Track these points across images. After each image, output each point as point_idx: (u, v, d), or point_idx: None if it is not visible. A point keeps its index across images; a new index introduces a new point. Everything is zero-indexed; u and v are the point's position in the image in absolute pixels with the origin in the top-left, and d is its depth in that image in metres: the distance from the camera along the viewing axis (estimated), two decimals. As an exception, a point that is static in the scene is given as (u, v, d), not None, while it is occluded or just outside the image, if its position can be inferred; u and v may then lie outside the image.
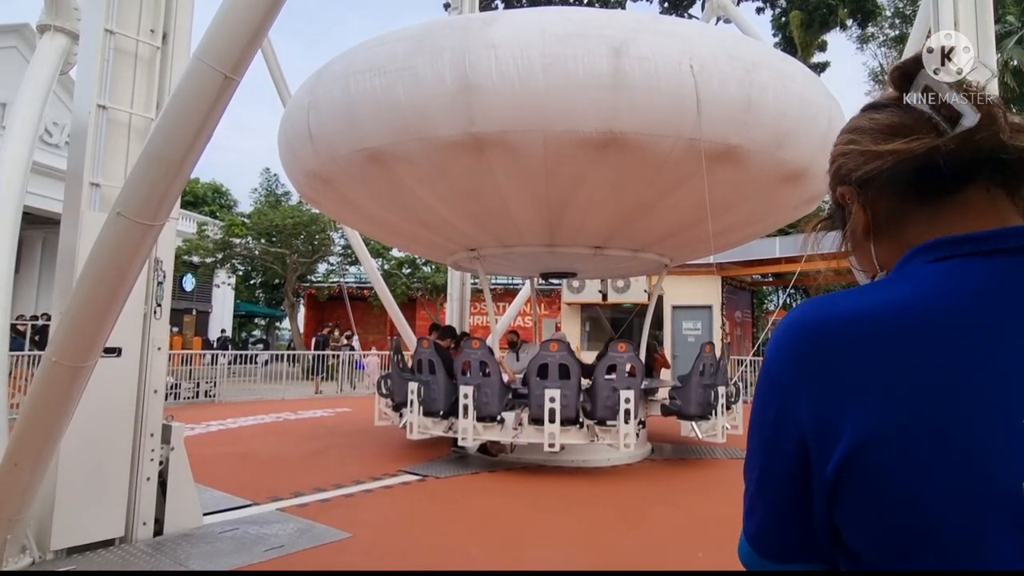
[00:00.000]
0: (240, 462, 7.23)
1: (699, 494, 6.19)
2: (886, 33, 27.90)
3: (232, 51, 2.99)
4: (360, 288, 25.31)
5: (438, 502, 5.82)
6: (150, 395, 4.48)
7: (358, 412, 11.72)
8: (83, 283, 3.30)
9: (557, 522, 5.26)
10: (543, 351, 6.83)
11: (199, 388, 13.45)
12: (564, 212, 6.59)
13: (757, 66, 5.51)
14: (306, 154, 6.46)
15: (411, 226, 7.71)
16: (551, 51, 5.13)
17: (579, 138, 5.35)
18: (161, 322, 4.58)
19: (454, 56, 5.22)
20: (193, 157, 3.18)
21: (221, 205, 33.46)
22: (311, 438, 8.93)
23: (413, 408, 7.21)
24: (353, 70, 5.71)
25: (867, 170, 0.73)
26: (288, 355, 16.83)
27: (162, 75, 4.60)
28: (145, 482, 4.42)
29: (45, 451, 3.53)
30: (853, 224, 0.79)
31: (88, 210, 4.18)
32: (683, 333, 15.99)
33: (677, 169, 5.72)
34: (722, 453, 8.15)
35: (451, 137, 5.47)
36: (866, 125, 0.76)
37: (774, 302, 29.17)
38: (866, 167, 0.73)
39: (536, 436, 6.66)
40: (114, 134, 4.35)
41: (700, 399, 7.48)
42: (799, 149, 5.96)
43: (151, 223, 3.18)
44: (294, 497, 5.68)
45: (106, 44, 4.31)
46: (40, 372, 3.42)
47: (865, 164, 0.73)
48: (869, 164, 0.73)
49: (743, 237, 8.76)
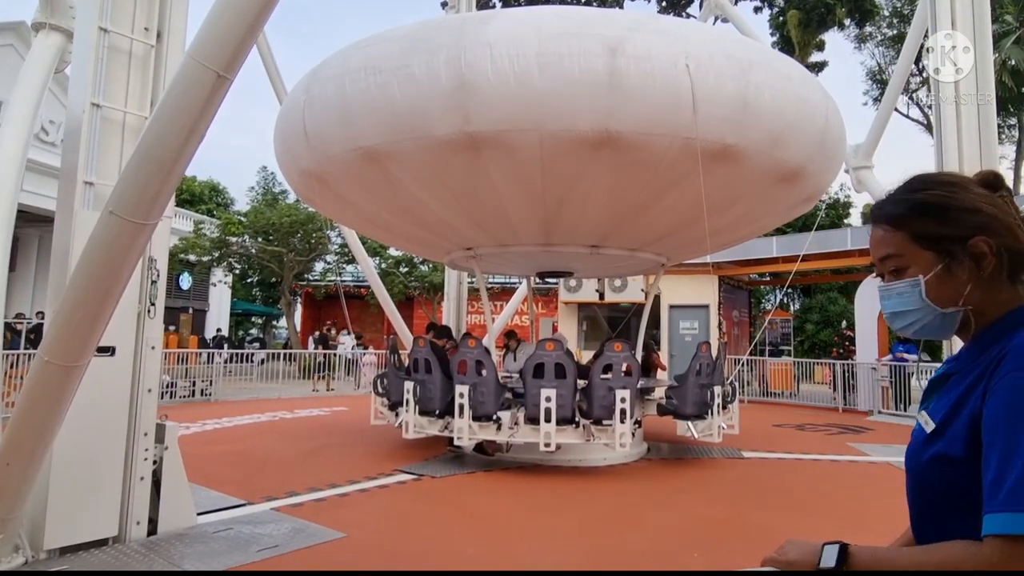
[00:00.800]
0: (235, 461, 7.21)
1: (694, 494, 6.19)
2: (884, 32, 27.95)
3: (225, 49, 2.97)
4: (357, 287, 25.27)
5: (434, 502, 5.82)
6: (144, 394, 4.46)
7: (354, 411, 11.71)
8: (75, 282, 3.29)
9: (553, 522, 5.25)
10: (539, 350, 6.83)
11: (195, 387, 13.42)
12: (560, 211, 6.59)
13: (753, 65, 5.50)
14: (301, 153, 6.45)
15: (407, 225, 7.70)
16: (547, 50, 5.12)
17: (575, 137, 5.34)
18: (155, 321, 4.56)
19: (450, 55, 5.21)
20: (186, 156, 3.16)
21: (218, 203, 33.37)
22: (307, 437, 8.91)
23: (409, 407, 7.20)
24: (349, 68, 5.70)
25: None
26: (285, 354, 16.81)
27: (156, 74, 4.58)
28: (139, 481, 4.40)
29: (38, 451, 3.51)
30: (984, 266, 1.02)
31: (82, 209, 4.16)
32: (680, 332, 16.00)
33: (673, 168, 5.72)
34: (718, 453, 8.15)
35: (447, 136, 5.46)
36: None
37: (771, 301, 29.22)
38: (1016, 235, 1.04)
39: (532, 435, 6.66)
40: (108, 133, 4.33)
41: (696, 399, 7.49)
42: (795, 149, 5.96)
43: (144, 222, 3.16)
44: (289, 497, 5.67)
45: (100, 42, 4.29)
46: (32, 371, 3.41)
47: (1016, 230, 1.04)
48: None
49: (740, 236, 8.76)
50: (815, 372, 16.38)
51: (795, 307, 28.51)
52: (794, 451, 8.50)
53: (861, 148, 11.08)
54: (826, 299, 26.77)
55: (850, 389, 13.62)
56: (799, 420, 11.78)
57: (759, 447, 8.61)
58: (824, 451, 8.54)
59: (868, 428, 10.95)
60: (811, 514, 5.56)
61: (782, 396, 15.27)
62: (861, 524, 5.29)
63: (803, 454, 8.31)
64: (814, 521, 5.34)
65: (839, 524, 5.27)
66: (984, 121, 8.12)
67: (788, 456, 8.17)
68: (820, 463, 7.83)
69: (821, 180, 6.96)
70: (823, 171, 6.74)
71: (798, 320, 25.64)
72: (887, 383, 12.44)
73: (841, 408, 13.40)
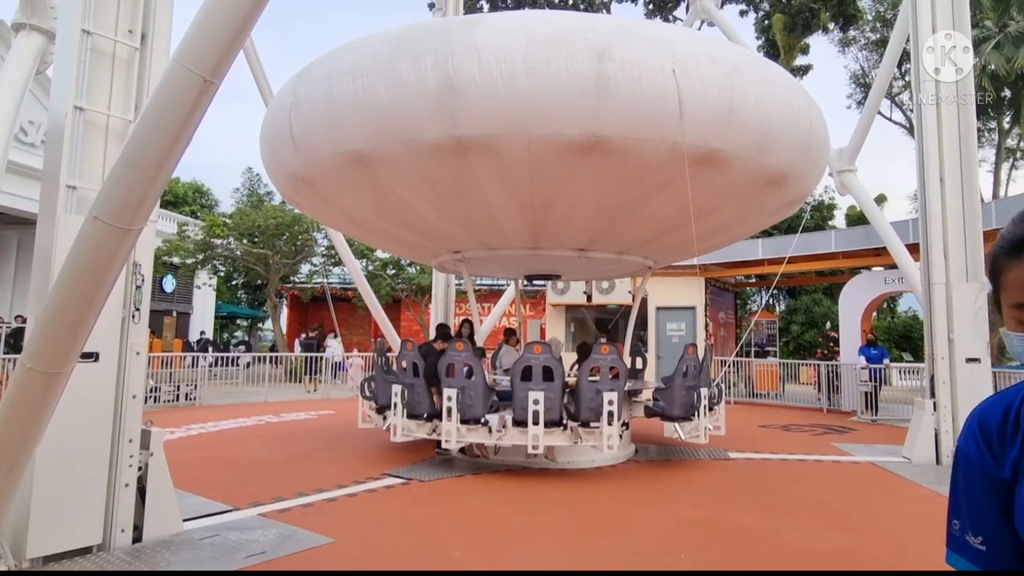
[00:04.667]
0: (221, 466, 7.15)
1: (681, 496, 6.23)
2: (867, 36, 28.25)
3: (212, 54, 2.94)
4: (344, 289, 25.13)
5: (422, 506, 5.80)
6: (128, 400, 4.42)
7: (341, 414, 11.65)
8: (59, 288, 3.25)
9: (541, 524, 5.26)
10: (527, 353, 6.83)
11: (179, 391, 13.28)
12: (548, 215, 6.60)
13: (739, 70, 5.55)
14: (288, 156, 6.41)
15: (395, 228, 7.68)
16: (534, 54, 5.13)
17: (563, 141, 5.36)
18: (140, 326, 4.52)
19: (437, 58, 5.21)
20: (172, 161, 3.13)
21: (202, 205, 33.10)
22: (293, 441, 8.86)
23: (397, 410, 7.18)
24: (336, 71, 5.68)
25: None
26: (270, 357, 16.69)
27: (140, 77, 4.54)
28: (123, 488, 4.36)
29: (20, 459, 3.46)
30: None
31: (64, 213, 4.11)
32: (667, 334, 16.08)
33: (660, 173, 5.76)
34: (705, 454, 8.21)
35: (434, 140, 5.45)
36: None
37: (757, 303, 29.45)
38: None
39: (520, 438, 6.66)
40: (91, 136, 4.29)
41: (683, 400, 7.53)
42: (780, 153, 6.02)
43: (129, 227, 3.13)
44: (276, 502, 5.63)
45: (83, 45, 4.24)
46: (15, 378, 3.35)
47: None
48: None
49: (726, 240, 8.83)
50: (800, 373, 16.54)
51: (780, 308, 28.78)
52: (780, 451, 8.58)
53: (845, 152, 11.19)
54: (811, 300, 27.05)
55: (834, 390, 13.76)
56: (785, 421, 11.89)
57: (745, 448, 8.68)
58: (809, 451, 8.63)
59: (851, 428, 11.08)
60: (796, 515, 5.61)
61: (768, 397, 15.40)
62: (846, 524, 5.35)
63: (788, 454, 8.39)
64: (799, 522, 5.40)
65: (824, 525, 5.33)
66: (964, 123, 8.24)
67: (774, 456, 8.25)
68: (805, 463, 7.91)
69: (806, 184, 7.03)
70: (807, 175, 6.81)
71: (783, 321, 25.87)
72: (869, 388, 12.55)
73: (826, 409, 13.53)
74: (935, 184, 8.23)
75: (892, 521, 5.51)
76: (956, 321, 8.01)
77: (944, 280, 8.14)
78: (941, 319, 8.09)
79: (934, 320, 8.14)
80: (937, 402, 7.99)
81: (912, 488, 6.69)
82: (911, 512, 5.87)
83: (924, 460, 7.87)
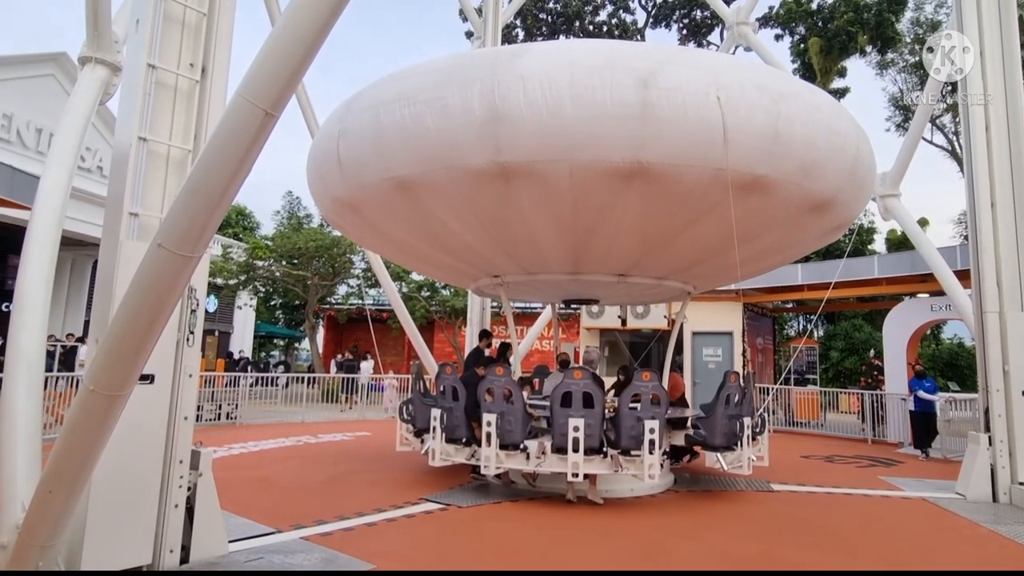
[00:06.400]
0: (263, 487, 7.23)
1: (724, 529, 6.06)
2: (906, 59, 27.86)
3: (272, 88, 3.05)
4: (379, 310, 25.42)
5: (461, 533, 5.77)
6: (180, 421, 4.51)
7: (377, 436, 11.71)
8: (122, 313, 3.35)
9: (582, 556, 5.17)
10: (567, 379, 6.79)
11: (220, 410, 13.52)
12: (589, 241, 6.60)
13: (785, 96, 5.52)
14: (335, 181, 6.55)
15: (436, 252, 7.76)
16: (579, 82, 5.18)
17: (606, 168, 5.37)
18: (193, 349, 4.63)
19: (483, 87, 5.30)
20: (233, 190, 3.23)
21: (244, 227, 33.95)
22: (332, 463, 8.92)
23: (436, 435, 7.19)
24: (383, 100, 5.81)
25: None
26: (308, 378, 16.92)
27: (200, 108, 4.71)
28: (173, 509, 4.43)
29: (80, 478, 3.55)
30: None
31: (127, 239, 4.26)
32: (703, 359, 15.82)
33: (703, 199, 5.72)
34: (745, 485, 8.00)
35: (479, 166, 5.52)
36: None
37: (794, 328, 28.83)
38: None
39: (559, 465, 6.60)
40: (153, 165, 4.45)
41: (725, 429, 7.37)
42: (826, 179, 5.94)
43: (190, 255, 3.22)
44: (317, 525, 5.66)
45: (148, 78, 4.43)
46: (77, 400, 3.46)
47: None
48: None
49: (769, 265, 8.70)
50: (840, 401, 16.04)
51: (819, 334, 28.10)
52: (824, 484, 8.32)
53: (888, 176, 10.99)
54: (851, 326, 26.34)
55: (879, 420, 13.32)
56: (827, 451, 11.54)
57: (788, 479, 8.44)
58: (855, 485, 8.35)
59: (899, 461, 10.69)
60: (849, 552, 5.41)
61: (808, 426, 14.98)
62: (904, 564, 5.14)
63: (834, 487, 8.13)
64: (853, 560, 5.20)
65: (880, 564, 5.13)
66: (1015, 148, 8.02)
67: (818, 490, 8.00)
68: (852, 497, 7.65)
69: (851, 209, 6.91)
70: (853, 200, 6.69)
71: (822, 347, 25.23)
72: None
73: (870, 439, 13.10)
74: (986, 211, 7.99)
75: (951, 562, 5.28)
76: (1011, 351, 7.71)
77: (997, 309, 7.86)
78: (995, 349, 7.80)
79: (987, 350, 7.85)
80: (993, 436, 7.67)
81: (970, 527, 6.40)
82: (970, 553, 5.60)
83: (980, 497, 7.54)
